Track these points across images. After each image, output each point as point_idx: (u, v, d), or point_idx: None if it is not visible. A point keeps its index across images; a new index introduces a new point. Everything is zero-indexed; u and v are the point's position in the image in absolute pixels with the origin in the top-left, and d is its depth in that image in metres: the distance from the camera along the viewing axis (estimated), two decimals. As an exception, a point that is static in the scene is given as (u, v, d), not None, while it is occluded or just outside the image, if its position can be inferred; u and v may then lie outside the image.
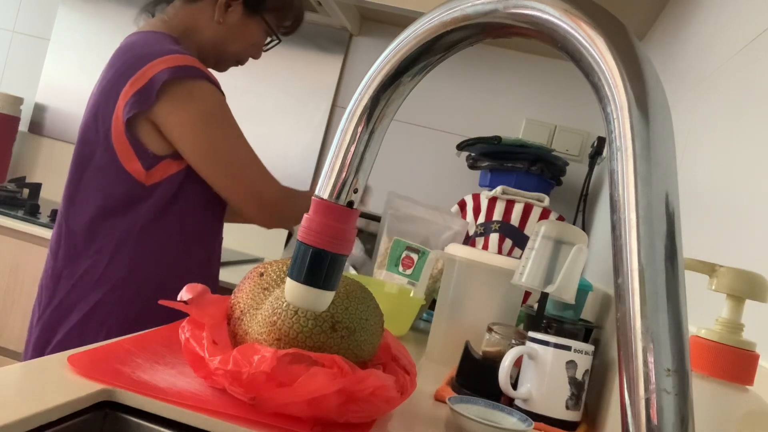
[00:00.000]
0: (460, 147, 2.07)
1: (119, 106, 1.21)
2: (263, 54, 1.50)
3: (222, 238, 1.42)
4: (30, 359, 0.92)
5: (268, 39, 1.48)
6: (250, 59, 1.47)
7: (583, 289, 1.16)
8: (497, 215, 1.81)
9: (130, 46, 1.27)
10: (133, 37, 1.31)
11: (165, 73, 1.19)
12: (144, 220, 1.25)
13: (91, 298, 1.23)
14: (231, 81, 2.44)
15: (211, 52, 1.39)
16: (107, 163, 1.24)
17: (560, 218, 1.86)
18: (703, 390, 0.46)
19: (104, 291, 1.23)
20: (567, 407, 0.88)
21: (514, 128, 2.29)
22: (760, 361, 0.48)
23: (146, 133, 1.23)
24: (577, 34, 0.39)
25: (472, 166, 2.07)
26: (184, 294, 0.78)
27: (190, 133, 1.23)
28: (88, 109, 1.30)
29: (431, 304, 1.52)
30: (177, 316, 0.87)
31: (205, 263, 1.35)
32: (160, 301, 0.85)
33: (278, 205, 1.31)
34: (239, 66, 1.46)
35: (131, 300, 1.24)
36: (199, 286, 0.81)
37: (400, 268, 1.50)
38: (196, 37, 1.36)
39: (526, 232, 1.78)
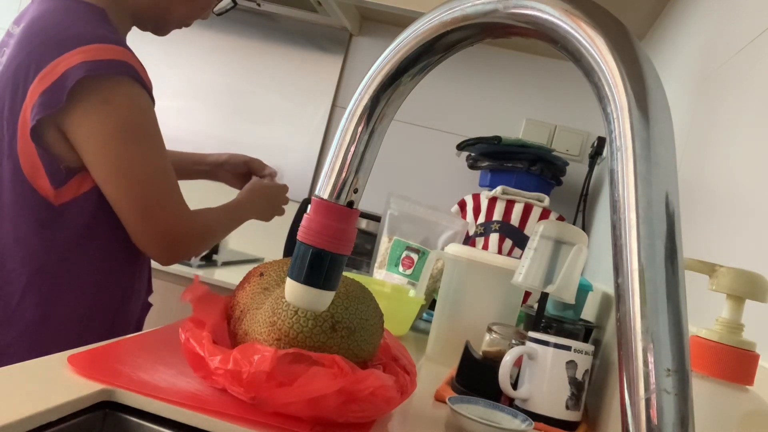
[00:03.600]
0: (460, 147, 2.07)
1: (26, 107, 0.98)
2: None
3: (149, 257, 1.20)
4: None
5: (225, 2, 1.30)
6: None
7: (583, 289, 1.16)
8: (497, 215, 1.81)
9: (43, 25, 1.01)
10: (47, 6, 1.04)
11: (80, 69, 0.96)
12: (59, 249, 1.04)
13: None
14: (231, 81, 2.45)
15: (149, 17, 1.16)
16: (11, 177, 1.01)
17: (560, 218, 1.87)
18: (703, 390, 0.46)
19: (14, 334, 1.02)
20: (567, 407, 0.88)
21: (514, 128, 2.29)
22: (760, 361, 0.48)
23: (55, 142, 1.00)
24: (577, 34, 0.39)
25: (472, 166, 2.07)
26: (186, 294, 0.78)
27: (99, 147, 1.00)
28: None
29: (431, 304, 1.52)
30: None
31: (131, 293, 1.16)
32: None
33: (181, 245, 1.09)
34: (183, 28, 1.23)
35: (46, 343, 1.03)
36: (200, 287, 0.81)
37: (400, 268, 1.50)
38: (129, 1, 1.12)
39: (526, 232, 1.78)
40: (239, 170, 1.43)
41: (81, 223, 1.04)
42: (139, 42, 1.16)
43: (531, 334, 0.92)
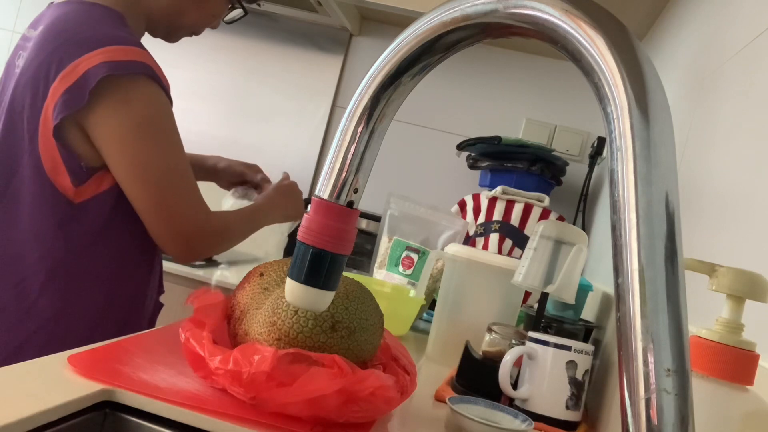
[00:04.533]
0: (460, 147, 2.07)
1: (48, 106, 1.00)
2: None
3: (161, 255, 1.23)
4: None
5: (236, 12, 1.30)
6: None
7: (583, 289, 1.16)
8: (497, 215, 1.81)
9: (63, 27, 1.04)
10: (66, 9, 1.07)
11: (101, 69, 0.98)
12: (77, 246, 1.06)
13: (15, 337, 1.03)
14: (231, 81, 2.45)
15: (162, 22, 1.18)
16: (33, 175, 1.03)
17: (560, 218, 1.86)
18: (703, 390, 0.46)
19: (32, 329, 1.04)
20: (567, 407, 0.88)
21: (514, 128, 2.29)
22: (760, 361, 0.48)
23: (76, 140, 1.03)
24: (577, 34, 0.39)
25: (472, 166, 2.07)
26: (192, 299, 0.79)
27: (119, 145, 1.03)
28: (6, 101, 1.08)
29: (431, 304, 1.52)
30: None
31: (145, 291, 1.17)
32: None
33: (198, 243, 1.10)
34: (193, 36, 1.26)
35: (61, 339, 1.04)
36: (200, 288, 0.81)
37: (400, 268, 1.50)
38: (144, 5, 1.14)
39: (526, 232, 1.78)
40: (235, 179, 1.44)
41: (99, 221, 1.06)
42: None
43: (531, 334, 0.92)
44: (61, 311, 1.05)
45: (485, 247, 1.78)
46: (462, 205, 1.92)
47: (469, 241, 1.81)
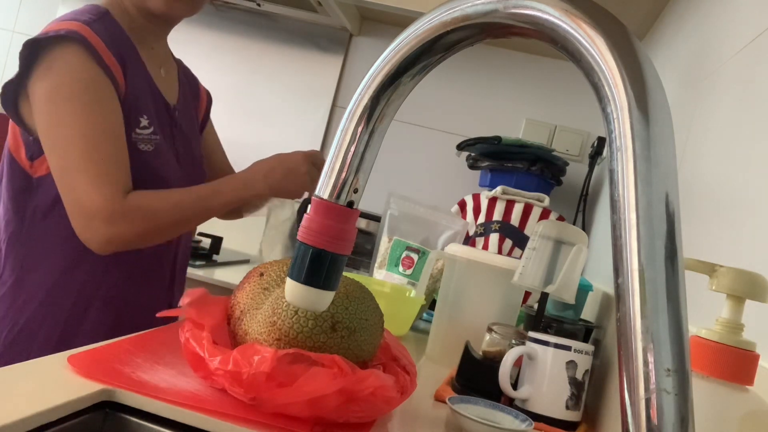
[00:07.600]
0: (460, 147, 2.07)
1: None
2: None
3: (175, 258, 1.20)
4: None
5: None
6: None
7: (583, 289, 1.16)
8: (497, 215, 1.81)
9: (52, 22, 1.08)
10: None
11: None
12: (32, 217, 1.07)
13: None
14: (231, 81, 2.45)
15: (135, 11, 1.13)
16: (6, 152, 1.09)
17: (560, 218, 1.87)
18: (703, 390, 0.46)
19: (1, 292, 1.08)
20: (567, 407, 0.88)
21: (514, 128, 2.29)
22: (760, 361, 0.48)
23: (27, 113, 1.05)
24: (577, 34, 0.39)
25: (472, 166, 2.07)
26: (183, 299, 0.78)
27: (37, 112, 1.02)
28: None
29: (431, 304, 1.52)
30: (65, 334, 0.67)
31: (106, 269, 1.10)
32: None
33: (103, 223, 1.00)
34: (171, 23, 1.18)
35: (17, 308, 1.07)
36: (198, 290, 0.81)
37: (400, 268, 1.50)
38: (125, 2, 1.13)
39: (526, 232, 1.78)
40: None
41: (50, 197, 1.06)
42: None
43: (531, 334, 0.92)
44: (19, 280, 1.08)
45: (485, 247, 1.78)
46: (462, 205, 1.92)
47: (469, 241, 1.81)
